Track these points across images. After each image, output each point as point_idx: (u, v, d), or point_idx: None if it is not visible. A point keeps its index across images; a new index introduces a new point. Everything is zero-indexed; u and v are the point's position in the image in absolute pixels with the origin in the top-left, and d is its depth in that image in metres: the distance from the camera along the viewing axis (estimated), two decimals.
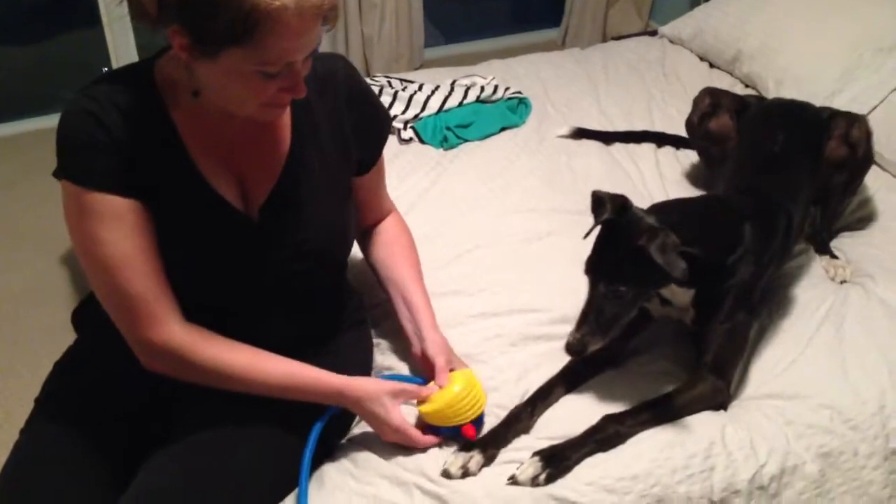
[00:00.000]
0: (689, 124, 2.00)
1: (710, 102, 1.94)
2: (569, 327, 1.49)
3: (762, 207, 1.52)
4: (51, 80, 3.49)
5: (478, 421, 1.30)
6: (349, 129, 1.29)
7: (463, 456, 1.24)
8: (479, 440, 1.29)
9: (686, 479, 1.26)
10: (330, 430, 1.27)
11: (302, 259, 1.24)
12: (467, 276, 1.64)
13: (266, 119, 1.16)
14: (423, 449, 1.26)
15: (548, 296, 1.60)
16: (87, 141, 1.08)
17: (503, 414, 1.34)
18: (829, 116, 1.80)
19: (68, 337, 1.40)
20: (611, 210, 1.30)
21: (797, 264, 1.70)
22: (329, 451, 1.31)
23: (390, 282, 1.41)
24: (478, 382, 1.30)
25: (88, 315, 1.38)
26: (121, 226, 1.10)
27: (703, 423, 1.33)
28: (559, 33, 3.76)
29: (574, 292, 1.60)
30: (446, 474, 1.22)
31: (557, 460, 1.24)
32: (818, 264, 1.72)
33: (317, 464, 1.28)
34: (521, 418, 1.33)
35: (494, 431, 1.30)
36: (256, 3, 0.96)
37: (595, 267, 1.32)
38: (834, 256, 1.73)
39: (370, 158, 1.37)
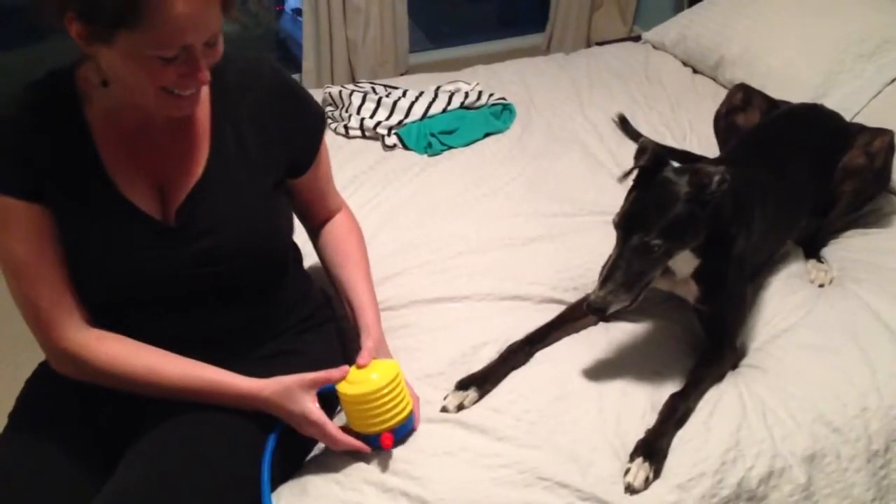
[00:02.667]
0: (718, 115, 2.01)
1: (742, 97, 1.96)
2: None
3: (747, 179, 1.52)
4: None
5: (403, 429, 1.25)
6: (276, 128, 1.27)
7: (460, 394, 1.33)
8: (474, 375, 1.37)
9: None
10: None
11: (223, 261, 1.22)
12: (453, 281, 1.64)
13: (171, 113, 1.13)
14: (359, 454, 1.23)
15: (534, 300, 1.60)
16: None
17: (493, 422, 1.33)
18: (857, 131, 1.82)
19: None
20: (649, 159, 1.31)
21: (783, 267, 1.71)
22: (302, 454, 1.30)
23: (336, 282, 1.41)
24: (404, 379, 1.25)
25: None
26: (17, 230, 1.12)
27: (689, 426, 1.33)
28: (544, 38, 3.77)
29: (560, 297, 1.62)
30: (444, 410, 1.33)
31: (657, 455, 1.27)
32: (803, 268, 1.72)
33: (296, 470, 1.28)
34: (517, 355, 1.43)
35: (491, 367, 1.37)
36: None
37: (629, 219, 1.30)
38: (820, 261, 1.73)
39: (305, 159, 1.35)
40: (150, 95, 1.08)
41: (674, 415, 1.33)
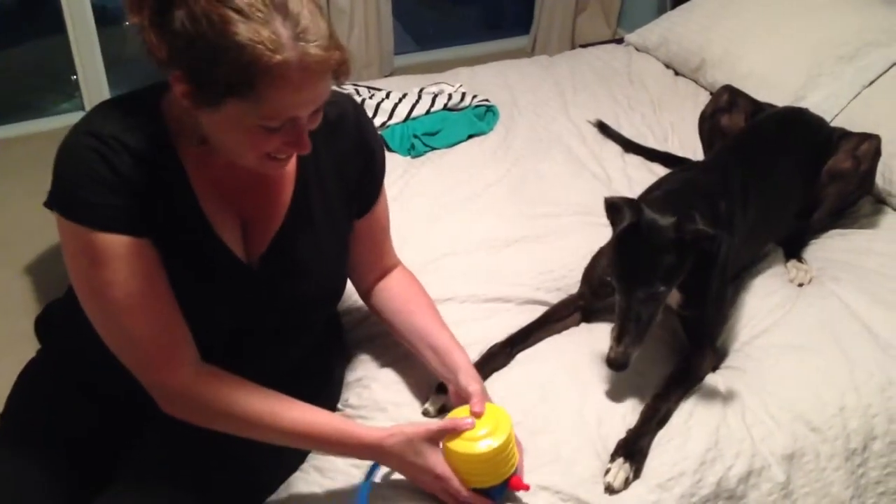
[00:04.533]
0: (703, 116, 2.03)
1: (728, 99, 1.98)
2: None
3: (727, 183, 1.55)
4: (15, 87, 3.44)
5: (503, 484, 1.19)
6: (354, 175, 1.25)
7: (441, 397, 1.33)
8: None
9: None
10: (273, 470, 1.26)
11: (297, 310, 1.21)
12: (436, 283, 1.63)
13: (267, 172, 1.12)
14: None
15: (517, 302, 1.61)
16: (94, 180, 1.02)
17: None
18: (841, 136, 1.84)
19: (29, 347, 1.37)
20: (630, 215, 1.28)
21: (762, 267, 1.73)
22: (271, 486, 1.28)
23: (412, 332, 1.33)
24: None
25: (51, 324, 1.36)
26: (129, 266, 1.06)
27: (670, 426, 1.34)
28: (529, 41, 3.79)
29: (543, 298, 1.62)
30: (426, 413, 1.33)
31: (637, 455, 1.28)
32: (782, 268, 1.74)
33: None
34: (498, 356, 1.44)
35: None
36: (257, 56, 0.92)
37: (628, 275, 1.31)
38: (801, 261, 1.75)
39: (369, 199, 1.31)
40: (250, 158, 1.05)
41: (655, 415, 1.34)
